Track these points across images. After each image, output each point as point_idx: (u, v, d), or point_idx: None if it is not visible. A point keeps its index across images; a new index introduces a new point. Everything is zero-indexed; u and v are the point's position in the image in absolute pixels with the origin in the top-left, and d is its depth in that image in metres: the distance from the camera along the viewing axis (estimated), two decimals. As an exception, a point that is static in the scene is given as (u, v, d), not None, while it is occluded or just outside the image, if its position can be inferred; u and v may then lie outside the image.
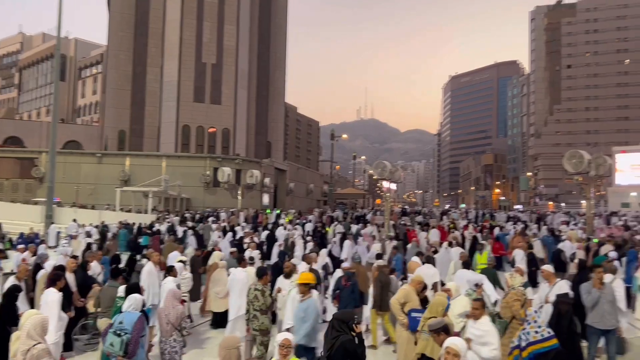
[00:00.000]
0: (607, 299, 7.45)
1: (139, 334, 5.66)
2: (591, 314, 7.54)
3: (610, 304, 7.45)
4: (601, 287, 7.53)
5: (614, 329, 7.44)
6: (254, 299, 7.91)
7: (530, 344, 5.88)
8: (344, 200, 69.22)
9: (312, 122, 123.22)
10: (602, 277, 7.57)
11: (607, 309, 7.41)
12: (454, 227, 23.84)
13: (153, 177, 42.24)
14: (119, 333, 5.51)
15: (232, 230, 23.54)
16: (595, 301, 7.46)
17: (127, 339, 5.49)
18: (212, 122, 55.09)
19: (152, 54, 56.26)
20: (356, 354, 4.94)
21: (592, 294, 7.55)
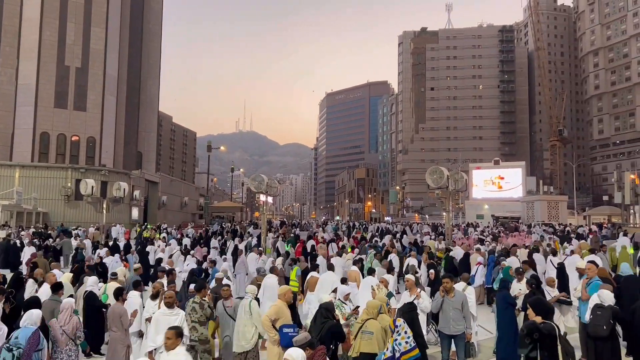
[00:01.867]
0: (453, 306, 7.89)
1: (33, 348, 5.79)
2: (440, 320, 8.09)
3: (456, 311, 7.84)
4: (446, 295, 7.95)
5: (461, 334, 7.87)
6: (192, 312, 8.00)
7: (403, 353, 6.09)
8: (220, 213, 67.90)
9: (188, 132, 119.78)
10: (447, 286, 7.98)
11: (452, 315, 7.86)
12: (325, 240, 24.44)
13: (4, 189, 37.97)
14: (11, 348, 5.65)
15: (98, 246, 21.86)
16: (438, 308, 7.99)
17: (18, 354, 5.62)
18: (76, 130, 50.90)
19: (5, 53, 50.75)
20: (341, 335, 6.62)
21: (436, 299, 8.10)
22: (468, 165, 71.63)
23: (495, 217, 55.78)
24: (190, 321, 7.98)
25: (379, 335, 6.64)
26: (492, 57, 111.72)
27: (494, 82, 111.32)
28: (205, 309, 8.11)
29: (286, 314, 7.63)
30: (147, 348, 7.39)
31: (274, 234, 28.59)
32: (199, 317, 7.99)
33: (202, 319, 8.04)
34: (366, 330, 6.62)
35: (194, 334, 7.94)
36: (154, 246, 21.74)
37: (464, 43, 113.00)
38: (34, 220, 39.76)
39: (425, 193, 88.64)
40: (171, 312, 7.32)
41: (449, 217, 23.51)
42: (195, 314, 8.00)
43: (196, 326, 7.97)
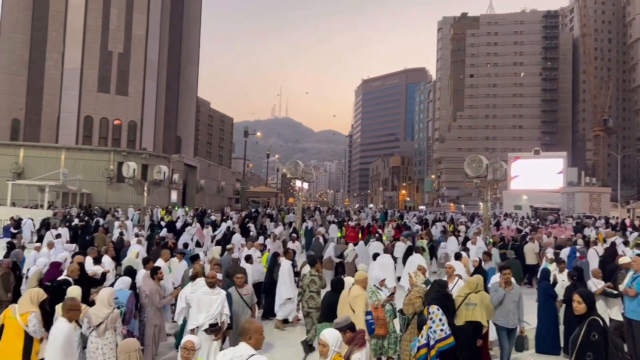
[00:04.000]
0: (512, 299, 7.75)
1: (132, 306, 7.45)
2: (497, 313, 7.78)
3: (514, 304, 7.73)
4: (507, 287, 7.80)
5: (515, 328, 7.77)
6: (311, 283, 9.14)
7: (438, 341, 6.09)
8: (256, 198, 68.71)
9: (225, 118, 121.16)
10: (508, 278, 7.81)
11: (511, 308, 7.71)
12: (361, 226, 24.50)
13: (50, 171, 39.44)
14: (118, 306, 6.87)
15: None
16: (500, 301, 7.76)
17: (122, 311, 6.95)
18: (118, 114, 52.33)
19: (52, 39, 52.44)
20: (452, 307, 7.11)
21: (498, 292, 7.85)
22: (507, 155, 70.05)
23: (534, 208, 54.52)
24: (309, 291, 9.12)
25: (482, 307, 7.21)
26: (535, 44, 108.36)
27: (535, 70, 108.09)
28: (322, 280, 9.33)
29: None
30: (190, 326, 7.66)
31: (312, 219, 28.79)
32: (317, 287, 9.14)
33: (319, 289, 9.14)
34: (470, 303, 7.23)
35: (312, 302, 9.04)
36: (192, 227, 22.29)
37: (506, 29, 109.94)
38: (78, 200, 41.23)
39: (462, 182, 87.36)
40: (212, 291, 7.50)
41: (487, 207, 23.14)
42: (314, 285, 9.14)
43: (314, 295, 9.09)
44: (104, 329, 6.36)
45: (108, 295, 6.57)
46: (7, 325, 5.82)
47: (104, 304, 6.47)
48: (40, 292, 6.39)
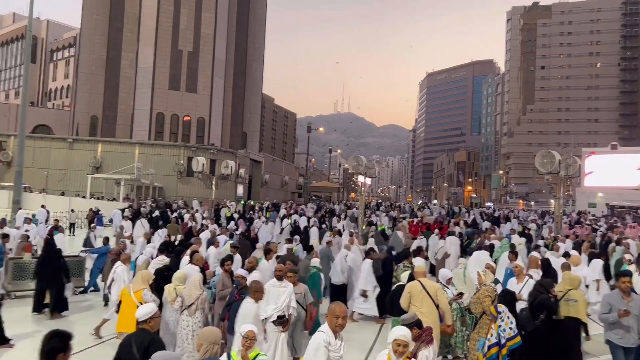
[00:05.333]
0: (633, 312, 6.46)
1: (219, 288, 8.40)
2: (614, 328, 6.57)
3: (635, 318, 6.48)
4: (626, 298, 6.58)
5: (635, 347, 6.49)
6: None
7: (508, 339, 6.02)
8: (318, 193, 69.30)
9: (289, 113, 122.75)
10: (627, 286, 6.56)
11: (632, 323, 6.45)
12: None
13: (125, 165, 41.59)
14: (210, 287, 8.27)
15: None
16: (609, 309, 6.61)
17: (213, 292, 8.34)
18: (187, 111, 54.30)
19: (127, 39, 55.10)
20: (552, 309, 7.14)
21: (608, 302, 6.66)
22: (580, 150, 66.50)
23: (610, 206, 51.47)
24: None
25: (582, 304, 7.38)
26: (613, 32, 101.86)
27: (613, 60, 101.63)
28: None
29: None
30: (259, 317, 7.89)
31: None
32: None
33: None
34: (570, 299, 7.36)
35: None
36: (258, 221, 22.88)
37: (581, 17, 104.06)
38: (151, 193, 43.27)
39: (532, 178, 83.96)
40: (280, 284, 7.66)
41: (559, 204, 22.13)
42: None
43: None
44: (194, 309, 7.13)
45: (199, 278, 7.37)
46: (124, 301, 7.17)
47: (196, 287, 7.29)
48: (150, 273, 7.72)
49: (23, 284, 11.82)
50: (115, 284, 9.18)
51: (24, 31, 75.69)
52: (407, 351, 4.46)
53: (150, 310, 5.05)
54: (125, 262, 9.70)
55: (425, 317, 6.37)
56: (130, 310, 6.86)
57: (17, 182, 25.04)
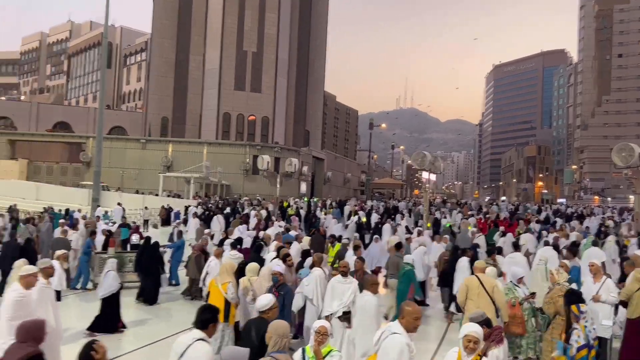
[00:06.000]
0: None
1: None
2: None
3: None
4: None
5: None
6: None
7: (594, 339, 5.90)
8: (381, 190, 68.86)
9: (350, 110, 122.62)
10: None
11: None
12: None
13: (194, 164, 43.08)
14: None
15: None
16: None
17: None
18: (252, 110, 55.55)
19: (194, 42, 57.07)
20: None
21: None
22: (664, 143, 62.12)
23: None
24: None
25: None
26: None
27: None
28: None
29: None
30: (324, 313, 7.99)
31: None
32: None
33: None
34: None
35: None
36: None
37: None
38: (219, 191, 44.69)
39: (608, 173, 79.33)
40: (345, 280, 7.69)
41: (639, 200, 20.79)
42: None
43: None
44: None
45: (269, 271, 7.78)
46: (212, 292, 7.49)
47: (266, 279, 7.75)
48: (233, 264, 8.20)
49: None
50: (209, 277, 9.73)
51: (100, 38, 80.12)
52: (478, 348, 4.39)
53: (268, 301, 5.59)
54: (218, 256, 10.49)
55: None
56: (217, 301, 7.24)
57: (96, 181, 26.62)
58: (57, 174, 48.93)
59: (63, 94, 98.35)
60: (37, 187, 37.15)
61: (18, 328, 4.21)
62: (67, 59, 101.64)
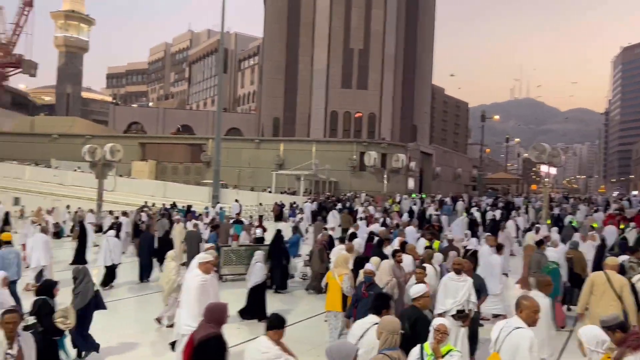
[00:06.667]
0: None
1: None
2: None
3: None
4: None
5: None
6: (629, 269, 8.90)
7: None
8: (494, 185, 65.95)
9: (460, 103, 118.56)
10: None
11: None
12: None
13: (304, 162, 44.30)
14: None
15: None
16: None
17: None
18: (359, 107, 55.97)
19: (303, 44, 58.66)
20: None
21: None
22: None
23: None
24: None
25: None
26: None
27: None
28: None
29: None
30: (436, 311, 7.93)
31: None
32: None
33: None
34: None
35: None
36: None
37: None
38: (327, 188, 45.64)
39: None
40: (459, 278, 7.58)
41: None
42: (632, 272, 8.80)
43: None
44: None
45: (389, 266, 8.13)
46: (330, 283, 8.03)
47: (385, 273, 8.09)
48: (348, 257, 8.71)
49: (234, 268, 13.76)
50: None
51: (217, 46, 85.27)
52: (589, 351, 4.25)
53: (420, 289, 5.88)
54: (349, 251, 10.75)
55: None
56: (335, 292, 7.77)
57: (215, 179, 28.58)
58: (181, 173, 52.86)
59: (185, 99, 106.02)
60: (164, 186, 40.55)
61: (205, 309, 4.82)
62: (188, 67, 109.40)
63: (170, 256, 10.14)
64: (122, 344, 8.66)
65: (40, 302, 6.01)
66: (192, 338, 4.81)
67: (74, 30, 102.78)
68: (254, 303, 10.21)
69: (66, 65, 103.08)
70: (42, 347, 5.37)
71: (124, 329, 9.60)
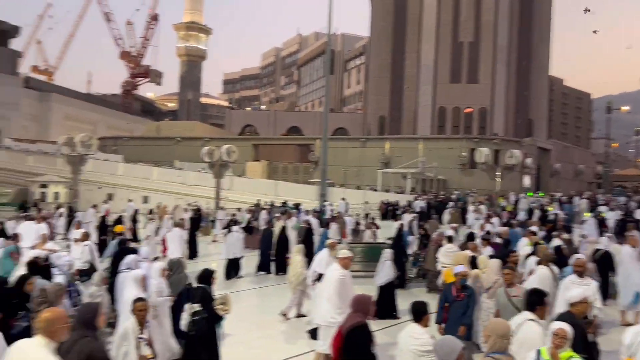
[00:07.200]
0: None
1: None
2: None
3: None
4: None
5: None
6: None
7: None
8: (622, 182, 60.34)
9: (582, 95, 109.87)
10: None
11: None
12: None
13: (410, 160, 43.76)
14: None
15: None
16: None
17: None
18: (469, 102, 54.18)
19: (409, 40, 57.99)
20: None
21: None
22: None
23: None
24: None
25: None
26: None
27: None
28: None
29: None
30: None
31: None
32: None
33: None
34: None
35: None
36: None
37: None
38: (435, 186, 44.68)
39: None
40: (581, 280, 7.22)
41: None
42: None
43: None
44: (492, 292, 7.58)
45: (498, 264, 7.91)
46: (448, 282, 7.87)
47: (494, 272, 7.86)
48: (467, 255, 8.86)
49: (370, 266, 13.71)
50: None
51: (324, 48, 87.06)
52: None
53: (578, 294, 5.66)
54: (473, 250, 10.37)
55: None
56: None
57: (322, 178, 29.17)
58: (290, 173, 54.71)
59: (295, 101, 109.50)
60: (276, 185, 42.24)
61: (353, 301, 5.20)
62: (297, 69, 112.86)
63: (297, 250, 10.70)
64: (250, 332, 9.16)
65: (201, 290, 6.55)
66: (341, 329, 5.13)
67: (193, 40, 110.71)
68: (384, 301, 10.23)
69: (187, 73, 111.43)
70: (206, 331, 6.24)
71: (251, 317, 10.23)
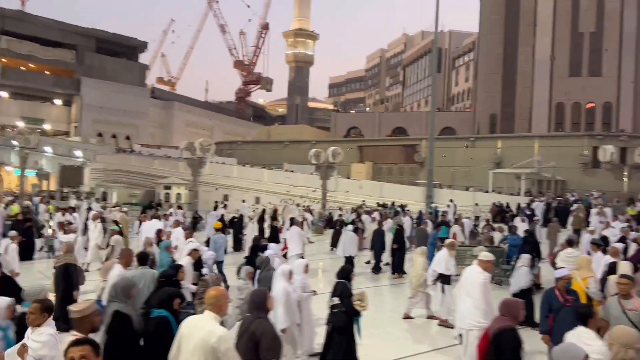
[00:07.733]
0: None
1: None
2: None
3: None
4: None
5: None
6: None
7: None
8: None
9: None
10: None
11: None
12: None
13: (525, 159, 41.51)
14: None
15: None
16: None
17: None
18: (590, 97, 50.13)
19: (523, 34, 54.92)
20: None
21: None
22: None
23: None
24: None
25: None
26: None
27: None
28: None
29: None
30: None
31: None
32: None
33: None
34: None
35: None
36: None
37: None
38: (552, 187, 41.88)
39: None
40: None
41: None
42: None
43: None
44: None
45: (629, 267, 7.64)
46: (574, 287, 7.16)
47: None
48: (590, 259, 8.61)
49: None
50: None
51: (431, 46, 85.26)
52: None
53: None
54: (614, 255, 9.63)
55: None
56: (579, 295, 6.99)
57: (429, 179, 28.61)
58: (395, 174, 54.30)
59: (400, 101, 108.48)
60: (381, 186, 42.13)
61: (501, 304, 5.21)
62: (402, 70, 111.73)
63: (419, 252, 10.70)
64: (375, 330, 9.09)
65: (341, 285, 6.91)
66: (487, 332, 5.10)
67: (301, 47, 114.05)
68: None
69: (295, 79, 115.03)
70: (344, 324, 6.65)
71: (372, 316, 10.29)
